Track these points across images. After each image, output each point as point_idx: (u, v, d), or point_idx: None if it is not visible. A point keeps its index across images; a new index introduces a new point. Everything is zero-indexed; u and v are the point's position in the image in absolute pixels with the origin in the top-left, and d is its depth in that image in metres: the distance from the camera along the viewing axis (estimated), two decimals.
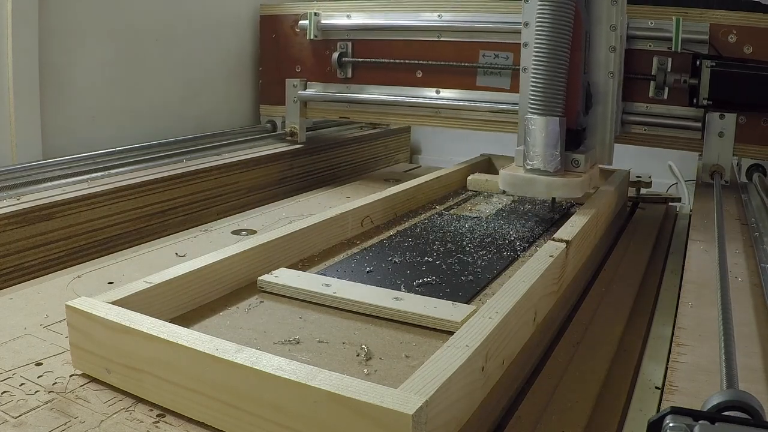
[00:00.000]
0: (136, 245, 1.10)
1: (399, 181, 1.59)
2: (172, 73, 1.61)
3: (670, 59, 1.32)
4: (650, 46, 1.33)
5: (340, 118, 1.69)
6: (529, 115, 1.08)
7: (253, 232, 1.16)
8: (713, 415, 0.40)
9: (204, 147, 1.54)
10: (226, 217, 1.31)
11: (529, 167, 1.08)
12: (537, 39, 1.05)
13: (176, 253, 1.03)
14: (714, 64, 1.24)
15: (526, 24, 1.17)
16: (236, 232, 1.16)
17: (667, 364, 0.67)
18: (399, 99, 1.57)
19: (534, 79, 1.06)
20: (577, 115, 1.12)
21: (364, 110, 1.64)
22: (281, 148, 1.65)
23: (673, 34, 1.28)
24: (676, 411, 0.40)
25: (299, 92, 1.68)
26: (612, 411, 0.65)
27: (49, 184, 1.16)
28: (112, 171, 1.28)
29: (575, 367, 0.72)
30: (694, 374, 0.56)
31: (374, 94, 1.60)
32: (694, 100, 1.29)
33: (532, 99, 1.07)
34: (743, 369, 0.53)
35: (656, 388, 0.70)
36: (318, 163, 1.73)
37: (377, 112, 1.63)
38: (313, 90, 1.68)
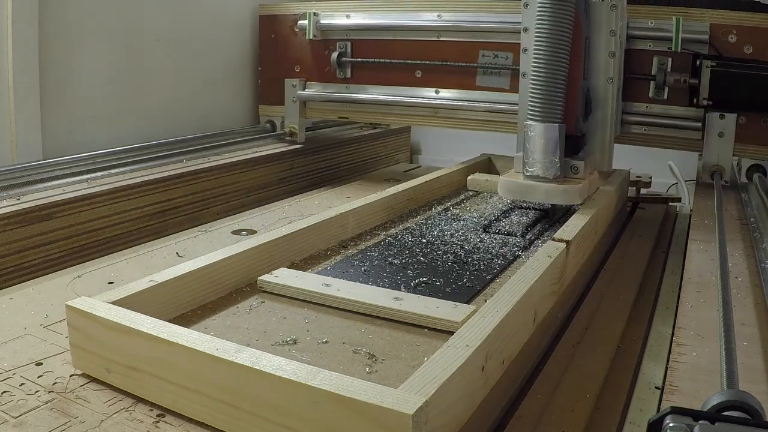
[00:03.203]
0: (136, 245, 1.10)
1: (399, 181, 1.59)
2: (171, 73, 1.61)
3: (670, 59, 1.31)
4: (650, 46, 1.33)
5: (339, 118, 1.69)
6: (529, 122, 1.07)
7: (253, 232, 1.16)
8: (713, 415, 0.40)
9: (203, 147, 1.54)
10: (226, 217, 1.31)
11: (528, 174, 1.08)
12: (536, 45, 1.04)
13: (176, 253, 1.03)
14: (714, 64, 1.24)
15: (526, 29, 1.16)
16: (236, 232, 1.16)
17: (667, 364, 0.67)
18: (398, 99, 1.57)
19: (533, 86, 1.06)
20: (576, 121, 1.12)
21: (363, 110, 1.64)
22: (281, 148, 1.65)
23: (673, 33, 1.27)
24: (676, 411, 0.40)
25: (298, 92, 1.68)
26: (612, 411, 0.65)
27: (49, 184, 1.16)
28: (112, 171, 1.28)
29: (575, 367, 0.72)
30: (694, 374, 0.56)
31: (373, 94, 1.60)
32: (694, 100, 1.28)
33: (532, 106, 1.06)
34: (743, 369, 0.53)
35: (656, 388, 0.70)
36: (318, 163, 1.73)
37: (376, 112, 1.63)
38: (312, 90, 1.68)
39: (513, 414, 0.63)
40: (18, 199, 1.06)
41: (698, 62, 1.26)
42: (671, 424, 0.39)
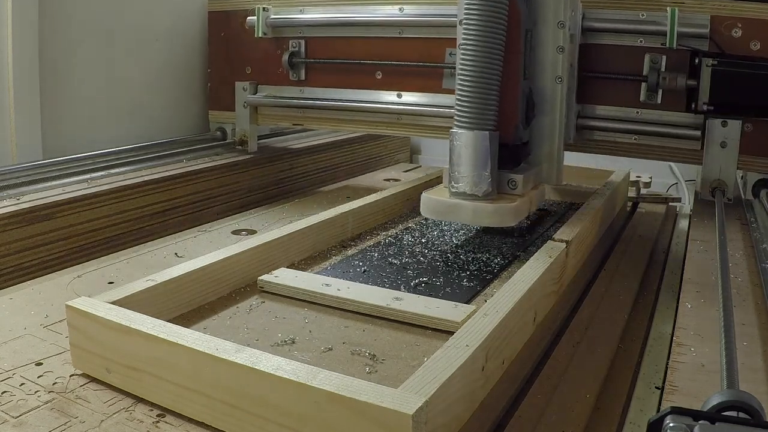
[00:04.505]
0: (136, 245, 1.10)
1: (399, 181, 1.59)
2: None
3: (664, 57, 1.14)
4: (641, 41, 1.16)
5: (293, 125, 1.54)
6: (454, 129, 0.92)
7: (253, 232, 1.16)
8: (713, 415, 0.40)
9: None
10: (226, 217, 1.31)
11: (454, 190, 0.93)
12: (464, 40, 0.90)
13: (176, 253, 1.03)
14: (715, 62, 1.08)
15: (461, 21, 0.94)
16: (236, 232, 1.16)
17: (667, 364, 0.67)
18: (355, 104, 1.41)
19: (459, 88, 0.91)
20: (515, 128, 0.96)
21: (319, 116, 1.47)
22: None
23: (668, 27, 1.10)
24: (676, 411, 0.40)
25: (248, 96, 1.52)
26: (612, 411, 0.65)
27: (49, 184, 1.16)
28: (112, 171, 1.28)
29: (575, 367, 0.72)
30: (694, 374, 0.56)
31: (329, 97, 1.44)
32: (693, 105, 1.12)
33: (458, 110, 0.91)
34: (743, 369, 0.53)
35: (656, 388, 0.70)
36: (318, 164, 1.73)
37: (332, 118, 1.45)
38: (263, 94, 1.52)
39: (513, 414, 0.63)
40: (18, 199, 1.06)
41: (697, 60, 1.10)
42: (671, 424, 0.39)
